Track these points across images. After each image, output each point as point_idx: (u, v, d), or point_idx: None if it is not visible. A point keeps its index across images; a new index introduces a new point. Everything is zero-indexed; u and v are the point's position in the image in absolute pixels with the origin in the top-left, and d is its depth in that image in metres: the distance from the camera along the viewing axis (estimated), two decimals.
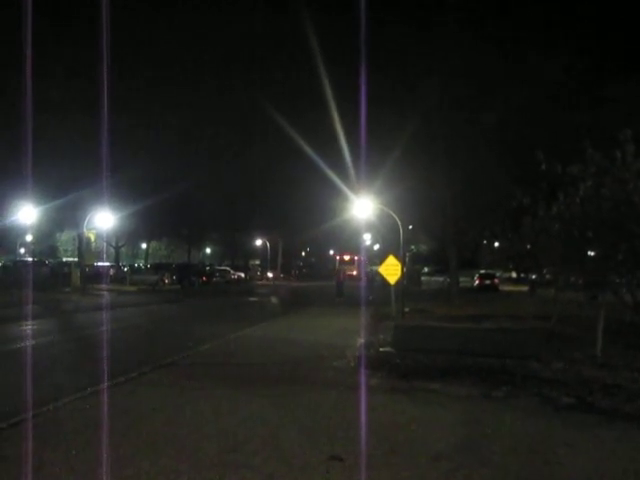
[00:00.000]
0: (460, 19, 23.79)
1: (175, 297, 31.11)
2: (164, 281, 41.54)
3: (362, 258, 39.13)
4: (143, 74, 42.21)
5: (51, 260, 54.73)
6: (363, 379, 8.99)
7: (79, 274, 33.55)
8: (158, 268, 49.06)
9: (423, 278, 45.34)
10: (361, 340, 13.20)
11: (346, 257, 41.14)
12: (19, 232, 49.44)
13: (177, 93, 45.83)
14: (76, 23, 45.07)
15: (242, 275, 60.29)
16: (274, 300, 30.90)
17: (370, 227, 41.12)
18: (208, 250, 79.35)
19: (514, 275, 57.44)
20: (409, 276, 30.18)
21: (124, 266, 53.47)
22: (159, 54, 47.69)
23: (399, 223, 19.17)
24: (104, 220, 34.86)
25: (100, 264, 47.12)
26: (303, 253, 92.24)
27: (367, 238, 58.27)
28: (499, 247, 18.86)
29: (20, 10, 19.73)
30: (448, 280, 31.18)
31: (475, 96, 24.32)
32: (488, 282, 42.09)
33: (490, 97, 24.07)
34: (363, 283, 26.97)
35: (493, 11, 24.16)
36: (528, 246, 12.22)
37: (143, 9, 44.50)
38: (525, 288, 35.58)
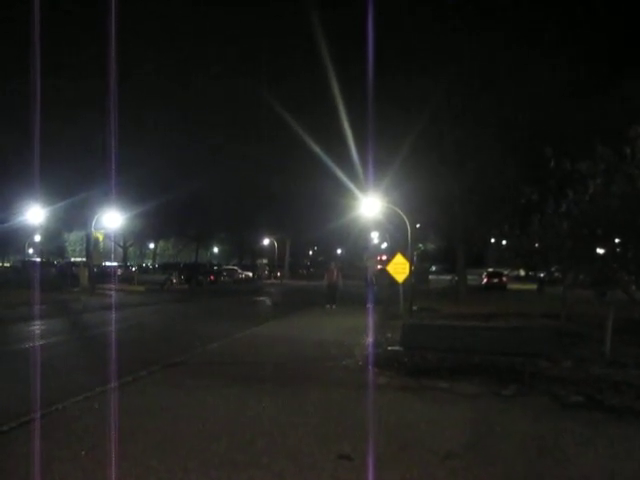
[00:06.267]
0: (468, 15, 23.71)
1: (183, 297, 31.17)
2: (172, 281, 41.63)
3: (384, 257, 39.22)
4: (150, 74, 42.45)
5: (59, 260, 55.12)
6: (372, 378, 8.97)
7: (87, 274, 33.64)
8: (166, 268, 49.19)
9: (431, 276, 45.21)
10: (369, 339, 13.19)
11: (384, 257, 41.73)
12: (27, 232, 49.79)
13: (184, 93, 46.09)
14: (83, 25, 45.37)
15: (250, 274, 60.32)
16: (282, 299, 30.90)
17: (378, 226, 41.03)
18: (216, 249, 79.45)
19: (522, 273, 57.39)
20: (417, 274, 30.05)
21: (132, 266, 53.69)
22: (166, 53, 47.95)
23: (407, 221, 19.12)
24: (112, 220, 34.97)
25: (108, 264, 47.32)
26: (310, 252, 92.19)
27: (374, 237, 58.24)
28: (507, 245, 18.78)
29: (28, 14, 19.89)
30: (456, 278, 31.08)
31: (484, 93, 24.21)
32: (496, 280, 41.94)
33: (499, 94, 23.94)
34: (369, 284, 26.80)
35: (502, 7, 23.98)
36: (536, 244, 12.14)
37: (148, 6, 44.68)
38: (533, 286, 35.53)
